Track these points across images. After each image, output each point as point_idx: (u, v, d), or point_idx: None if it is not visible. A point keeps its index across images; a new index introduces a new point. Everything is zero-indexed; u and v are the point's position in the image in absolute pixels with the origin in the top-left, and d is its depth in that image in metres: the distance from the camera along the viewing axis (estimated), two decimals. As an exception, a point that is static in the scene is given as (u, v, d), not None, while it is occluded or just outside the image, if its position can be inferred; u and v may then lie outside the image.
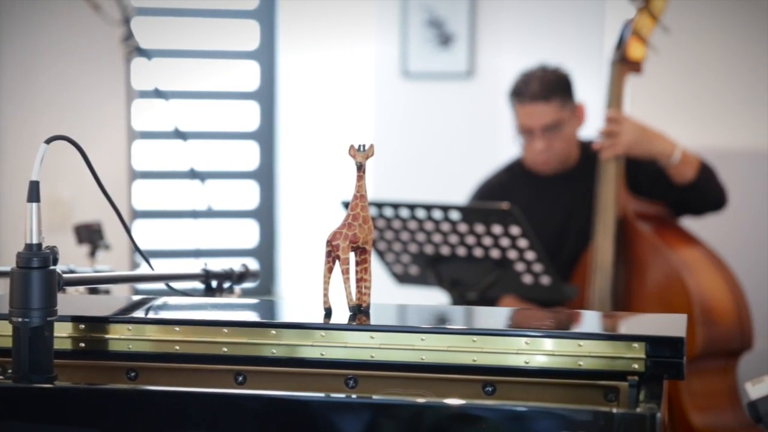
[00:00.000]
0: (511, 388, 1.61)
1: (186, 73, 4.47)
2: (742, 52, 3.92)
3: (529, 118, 3.16)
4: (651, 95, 3.70)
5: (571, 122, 3.19)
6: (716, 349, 2.97)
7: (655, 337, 1.54)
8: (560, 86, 3.18)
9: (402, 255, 2.88)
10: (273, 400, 1.55)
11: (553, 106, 3.15)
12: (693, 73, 3.87)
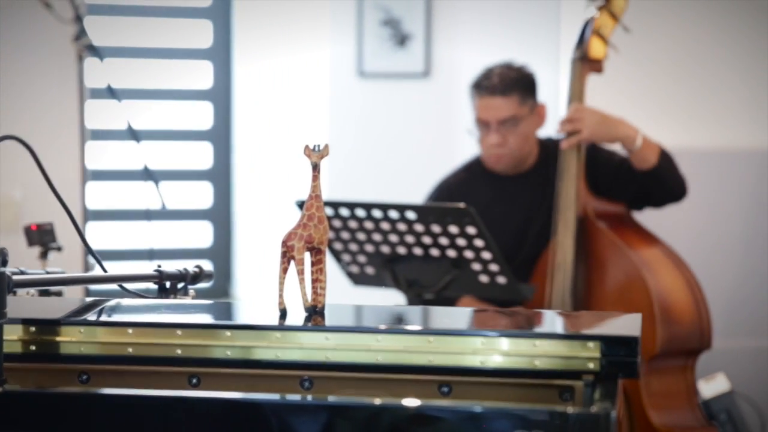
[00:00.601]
0: (467, 388, 1.61)
1: (139, 72, 4.42)
2: (700, 51, 3.95)
3: (486, 111, 3.17)
4: (609, 94, 3.72)
5: (529, 120, 3.18)
6: (676, 347, 2.99)
7: (610, 336, 1.54)
8: (521, 83, 3.18)
9: (358, 255, 2.87)
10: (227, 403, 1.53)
11: (512, 102, 3.15)
12: (650, 73, 3.89)
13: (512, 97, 3.14)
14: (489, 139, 3.15)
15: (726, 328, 3.84)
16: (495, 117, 3.14)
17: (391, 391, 1.63)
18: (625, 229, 3.13)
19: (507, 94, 3.14)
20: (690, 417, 2.96)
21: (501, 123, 3.14)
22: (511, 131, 3.15)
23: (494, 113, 3.14)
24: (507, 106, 3.14)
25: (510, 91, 3.14)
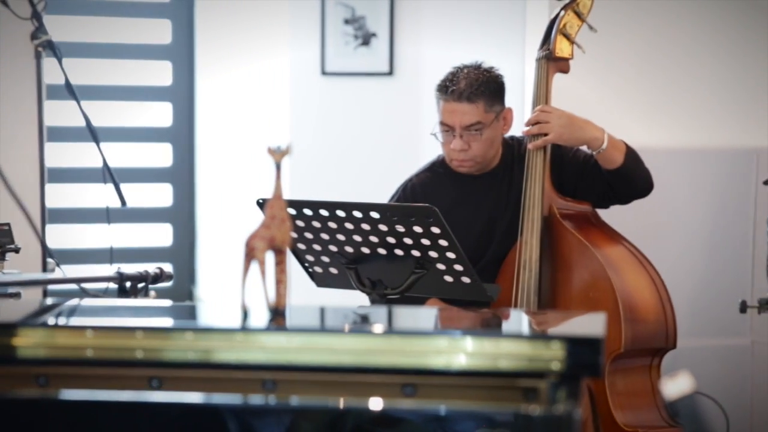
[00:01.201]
0: (432, 388, 1.61)
1: (99, 71, 4.37)
2: (666, 50, 3.96)
3: (451, 116, 3.13)
4: (573, 94, 3.72)
5: (495, 126, 3.15)
6: (641, 347, 2.99)
7: (574, 336, 1.54)
8: (489, 89, 3.13)
9: (321, 256, 2.85)
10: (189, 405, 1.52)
11: (478, 108, 3.11)
12: (615, 72, 3.90)
13: (478, 103, 3.10)
14: (453, 144, 3.14)
15: (691, 327, 3.86)
16: (459, 123, 3.11)
17: (355, 393, 1.62)
18: (590, 228, 3.13)
19: (473, 101, 3.10)
20: (655, 416, 2.97)
21: (465, 129, 3.12)
22: (474, 137, 3.13)
23: (459, 119, 3.11)
24: (473, 112, 3.11)
25: (477, 97, 3.10)
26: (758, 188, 3.90)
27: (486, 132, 3.12)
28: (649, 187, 3.16)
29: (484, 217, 3.20)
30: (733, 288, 3.95)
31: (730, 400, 3.76)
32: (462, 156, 3.14)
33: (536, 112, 3.10)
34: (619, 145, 3.08)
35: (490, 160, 3.21)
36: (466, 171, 3.20)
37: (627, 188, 3.13)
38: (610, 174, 3.09)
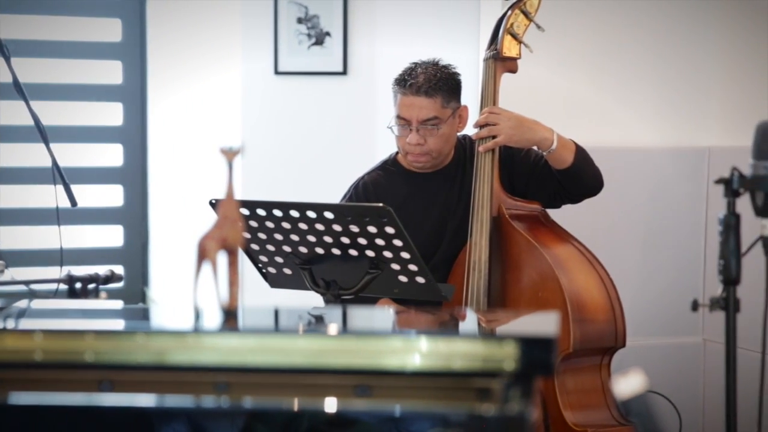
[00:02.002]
0: (386, 389, 1.60)
1: (48, 70, 4.32)
2: (612, 50, 3.99)
3: (408, 110, 3.14)
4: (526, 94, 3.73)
5: (451, 122, 3.17)
6: (590, 346, 3.00)
7: (526, 336, 1.54)
8: (447, 85, 3.14)
9: (275, 256, 2.84)
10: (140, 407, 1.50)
11: (435, 103, 3.12)
12: (566, 72, 3.92)
13: (436, 98, 3.12)
14: (409, 138, 3.14)
15: (644, 325, 3.89)
16: (417, 117, 3.12)
17: (309, 394, 1.61)
18: (539, 228, 3.14)
19: (431, 95, 3.11)
20: (606, 415, 2.98)
21: (422, 123, 3.13)
22: (431, 132, 3.13)
23: (416, 113, 3.12)
24: (430, 107, 3.12)
25: (435, 92, 3.11)
26: (710, 187, 3.94)
27: (442, 128, 3.13)
28: (599, 185, 3.17)
29: (435, 216, 3.20)
30: (686, 286, 3.99)
31: (683, 398, 3.80)
32: (417, 150, 3.15)
33: (485, 114, 3.10)
34: (569, 144, 3.09)
35: (444, 158, 3.21)
36: (420, 166, 3.20)
37: (577, 187, 3.15)
38: (561, 174, 3.10)
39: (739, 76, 4.04)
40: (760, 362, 1.93)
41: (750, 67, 4.03)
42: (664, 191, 4.00)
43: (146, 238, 4.44)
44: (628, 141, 3.97)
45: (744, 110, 3.99)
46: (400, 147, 3.20)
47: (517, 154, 3.20)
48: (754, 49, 4.02)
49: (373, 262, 2.71)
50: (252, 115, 4.18)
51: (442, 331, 1.65)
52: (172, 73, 4.33)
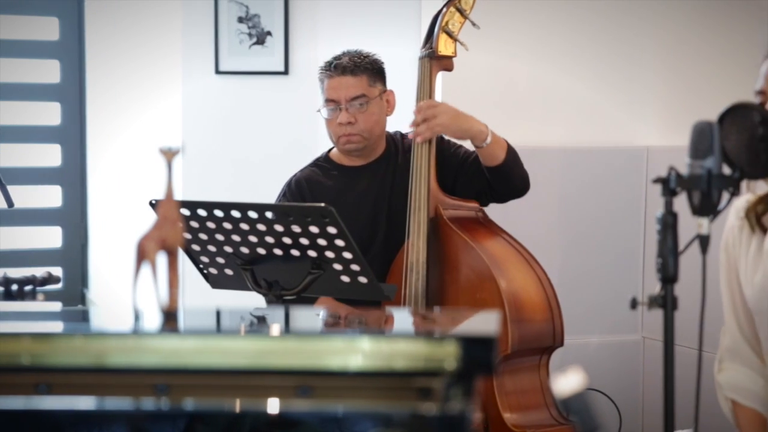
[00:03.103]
0: (327, 389, 1.60)
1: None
2: (556, 51, 4.02)
3: (336, 91, 3.19)
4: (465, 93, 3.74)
5: (379, 103, 3.20)
6: (529, 346, 3.02)
7: (467, 335, 1.55)
8: (371, 66, 3.20)
9: (216, 257, 2.82)
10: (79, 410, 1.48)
11: (361, 81, 3.17)
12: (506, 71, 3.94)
13: (362, 77, 3.17)
14: (339, 117, 3.17)
15: (584, 324, 3.92)
16: (345, 95, 3.17)
17: (250, 395, 1.60)
18: (477, 228, 3.15)
19: (356, 74, 3.17)
20: (545, 415, 3.00)
21: (350, 101, 3.17)
22: (360, 111, 3.18)
23: (344, 92, 3.17)
24: (357, 85, 3.18)
25: (360, 71, 3.17)
26: (648, 186, 3.99)
27: (370, 107, 3.17)
28: (526, 187, 3.20)
29: (368, 208, 3.21)
30: (625, 285, 4.03)
31: (623, 396, 3.84)
32: (348, 130, 3.17)
33: (422, 108, 3.11)
34: (502, 142, 3.11)
35: (375, 144, 3.23)
36: (352, 148, 3.21)
37: (505, 187, 3.16)
38: (491, 171, 3.12)
39: (677, 77, 4.09)
40: (697, 359, 1.96)
41: (688, 67, 4.09)
42: (604, 190, 4.04)
43: (85, 239, 4.39)
44: (567, 140, 4.01)
45: (682, 110, 4.04)
46: (332, 132, 3.22)
47: (447, 150, 3.22)
48: (693, 49, 4.07)
49: (315, 262, 2.71)
50: (193, 115, 4.15)
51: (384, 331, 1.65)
52: (112, 72, 4.29)
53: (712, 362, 2.42)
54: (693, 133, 1.95)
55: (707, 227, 1.93)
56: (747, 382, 2.37)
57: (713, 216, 1.94)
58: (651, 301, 1.95)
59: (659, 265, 1.95)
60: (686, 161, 1.95)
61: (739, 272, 2.35)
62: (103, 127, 4.35)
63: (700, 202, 1.93)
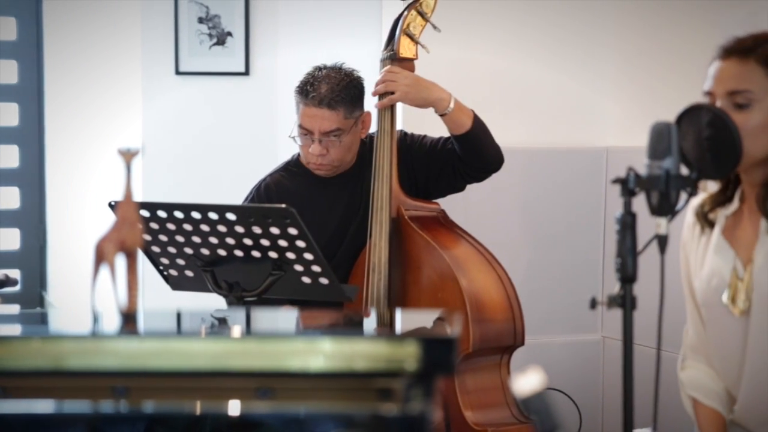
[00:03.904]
0: (288, 391, 1.60)
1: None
2: (517, 52, 4.04)
3: (311, 121, 3.12)
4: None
5: (354, 131, 3.16)
6: (490, 345, 3.03)
7: (428, 336, 1.55)
8: (350, 94, 3.12)
9: (177, 258, 2.80)
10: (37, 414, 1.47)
11: (338, 115, 3.10)
12: (467, 73, 3.95)
13: (339, 110, 3.10)
14: (310, 148, 3.13)
15: (545, 324, 3.94)
16: (319, 128, 3.11)
17: (210, 397, 1.59)
18: (438, 229, 3.16)
19: (333, 108, 3.09)
20: (506, 414, 3.02)
21: (324, 134, 3.12)
22: (333, 143, 3.13)
23: (318, 124, 3.10)
24: (332, 119, 3.10)
25: (337, 104, 3.09)
26: (607, 186, 4.02)
27: (345, 138, 3.13)
28: (500, 158, 3.17)
29: (338, 217, 3.21)
30: (585, 285, 4.06)
31: (583, 395, 3.86)
32: (320, 160, 3.14)
33: (383, 72, 3.11)
34: (467, 110, 3.10)
35: (347, 164, 3.22)
36: (322, 173, 3.20)
37: (478, 158, 3.14)
38: (460, 141, 3.10)
39: (636, 78, 4.12)
40: (655, 358, 1.97)
41: (647, 68, 4.12)
42: (564, 191, 4.06)
43: (44, 241, 4.35)
44: (527, 141, 4.03)
45: (641, 111, 4.07)
46: (303, 155, 3.19)
47: (413, 145, 3.22)
48: (651, 50, 4.10)
49: (276, 263, 2.70)
50: (153, 116, 4.13)
51: (345, 332, 1.65)
52: (71, 72, 4.25)
53: (671, 361, 2.44)
54: (651, 134, 1.97)
55: (665, 227, 1.95)
56: (708, 380, 2.39)
57: (671, 216, 1.95)
58: (610, 300, 1.96)
59: (618, 265, 1.96)
60: (645, 162, 1.96)
61: (690, 267, 2.39)
62: (61, 128, 4.31)
63: (658, 203, 1.94)
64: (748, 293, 2.25)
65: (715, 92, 2.20)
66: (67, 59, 4.25)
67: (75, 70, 4.24)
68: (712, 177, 2.21)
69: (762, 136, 2.18)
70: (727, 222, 2.32)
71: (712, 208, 2.34)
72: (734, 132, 2.12)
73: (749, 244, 2.26)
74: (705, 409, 2.37)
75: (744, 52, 2.20)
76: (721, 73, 2.21)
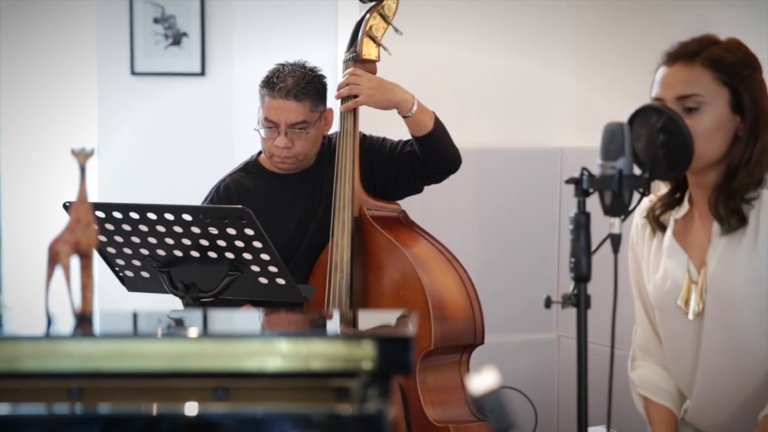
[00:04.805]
0: (244, 391, 1.60)
1: None
2: (473, 54, 4.06)
3: (277, 113, 3.13)
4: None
5: (317, 126, 3.18)
6: (450, 343, 3.06)
7: (384, 335, 1.56)
8: (315, 88, 3.15)
9: (132, 259, 2.79)
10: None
11: (304, 107, 3.12)
12: (424, 74, 3.97)
13: (305, 102, 3.12)
14: (276, 141, 3.13)
15: (501, 323, 3.96)
16: (285, 120, 3.12)
17: (166, 398, 1.59)
18: (400, 228, 3.18)
19: (300, 99, 3.11)
20: (465, 411, 3.04)
21: (290, 126, 3.13)
22: (299, 135, 3.14)
23: (285, 116, 3.12)
24: (299, 111, 3.12)
25: (304, 96, 3.11)
26: (562, 186, 4.05)
27: (311, 131, 3.15)
28: (458, 159, 3.21)
29: (298, 216, 3.21)
30: (541, 284, 4.09)
31: (538, 393, 3.89)
32: (285, 153, 3.15)
33: (347, 75, 3.13)
34: (429, 112, 3.14)
35: (310, 160, 3.23)
36: (286, 168, 3.20)
37: (437, 159, 3.17)
38: (421, 142, 3.13)
39: (590, 79, 4.16)
40: (610, 356, 1.99)
41: (601, 69, 4.15)
42: (519, 191, 4.09)
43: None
44: (483, 142, 4.05)
45: (596, 112, 4.11)
46: (266, 149, 3.19)
47: (373, 147, 3.24)
48: (605, 52, 4.14)
49: (233, 264, 2.70)
50: (108, 116, 4.10)
51: (301, 333, 1.65)
52: (25, 73, 4.22)
53: (625, 359, 2.47)
54: (604, 134, 1.99)
55: (619, 227, 1.97)
56: (658, 379, 2.41)
57: (625, 216, 1.97)
58: (564, 300, 1.98)
59: (572, 264, 1.98)
60: (598, 162, 1.98)
61: (642, 270, 2.41)
62: (16, 129, 4.27)
63: (611, 202, 1.96)
64: (701, 296, 2.27)
65: (665, 98, 2.22)
66: (22, 60, 4.21)
67: (29, 70, 4.20)
68: (663, 177, 2.24)
69: (713, 139, 2.21)
70: (678, 225, 2.34)
71: (664, 211, 2.36)
72: (686, 132, 2.14)
73: (702, 248, 2.29)
74: (656, 407, 2.40)
75: (690, 57, 2.22)
76: (669, 79, 2.23)
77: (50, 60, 4.18)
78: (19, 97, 4.25)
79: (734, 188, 2.22)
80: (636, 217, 2.42)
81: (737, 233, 2.23)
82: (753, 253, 2.20)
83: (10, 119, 4.28)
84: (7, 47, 4.24)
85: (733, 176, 2.22)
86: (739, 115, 2.22)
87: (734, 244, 2.23)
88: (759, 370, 2.25)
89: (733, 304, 2.23)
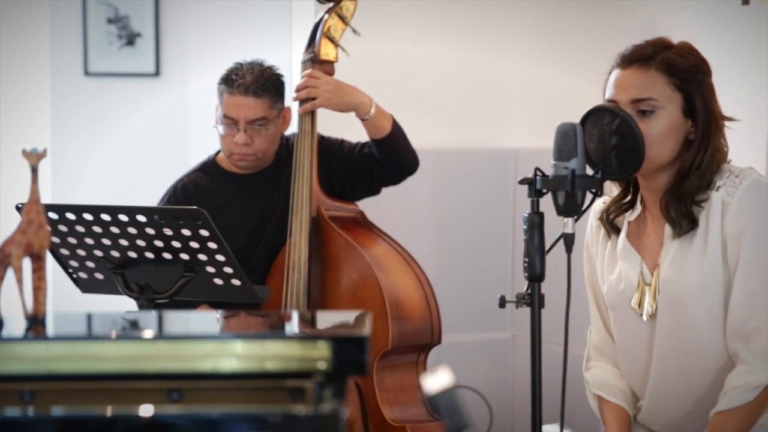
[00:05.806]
0: (199, 393, 1.59)
1: None
2: (429, 55, 4.06)
3: (236, 110, 3.13)
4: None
5: (276, 123, 3.19)
6: (408, 343, 3.07)
7: (339, 336, 1.56)
8: (274, 85, 3.16)
9: (86, 261, 2.77)
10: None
11: (263, 103, 3.13)
12: (379, 75, 3.97)
13: (264, 99, 3.13)
14: (236, 138, 3.14)
15: (456, 322, 3.98)
16: (245, 116, 3.12)
17: (120, 400, 1.58)
18: (357, 229, 3.19)
19: (259, 96, 3.12)
20: (421, 411, 3.06)
21: (250, 123, 3.13)
22: (258, 132, 3.15)
23: (244, 113, 3.12)
24: (258, 107, 3.13)
25: (263, 93, 3.12)
26: (516, 187, 4.07)
27: (269, 128, 3.15)
28: (415, 162, 3.23)
29: (255, 216, 3.21)
30: (495, 284, 4.10)
31: (494, 392, 3.91)
32: (244, 150, 3.15)
33: (304, 78, 3.14)
34: (387, 115, 3.16)
35: (268, 159, 3.22)
36: (245, 165, 3.20)
37: (395, 161, 3.18)
38: (379, 145, 3.14)
39: (544, 80, 4.18)
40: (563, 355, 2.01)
41: (554, 71, 4.18)
42: (473, 191, 4.11)
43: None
44: (438, 143, 4.06)
45: (549, 113, 4.13)
46: (225, 147, 3.18)
47: (331, 148, 3.25)
48: (558, 52, 4.17)
49: (188, 265, 2.69)
50: (61, 117, 4.07)
51: (255, 333, 1.65)
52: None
53: (579, 358, 2.49)
54: (557, 134, 2.00)
55: (572, 227, 1.99)
56: (612, 379, 2.43)
57: (578, 216, 1.99)
58: (519, 299, 2.00)
59: (526, 264, 2.00)
60: (551, 162, 2.00)
61: (596, 271, 2.43)
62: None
63: (564, 203, 1.98)
64: (654, 297, 2.29)
65: (619, 100, 2.24)
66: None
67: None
68: (614, 177, 2.26)
69: (666, 142, 2.23)
70: (631, 227, 2.36)
71: (618, 214, 2.38)
72: (638, 135, 2.16)
73: (654, 250, 2.31)
74: (610, 406, 2.42)
75: (645, 60, 2.24)
76: (624, 82, 2.25)
77: (2, 60, 4.13)
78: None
79: (685, 191, 2.24)
80: (590, 219, 2.44)
81: (688, 236, 2.25)
82: (703, 255, 2.23)
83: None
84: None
85: (683, 179, 2.24)
86: (691, 119, 2.25)
87: (685, 246, 2.25)
88: (710, 369, 2.27)
89: (684, 305, 2.25)
